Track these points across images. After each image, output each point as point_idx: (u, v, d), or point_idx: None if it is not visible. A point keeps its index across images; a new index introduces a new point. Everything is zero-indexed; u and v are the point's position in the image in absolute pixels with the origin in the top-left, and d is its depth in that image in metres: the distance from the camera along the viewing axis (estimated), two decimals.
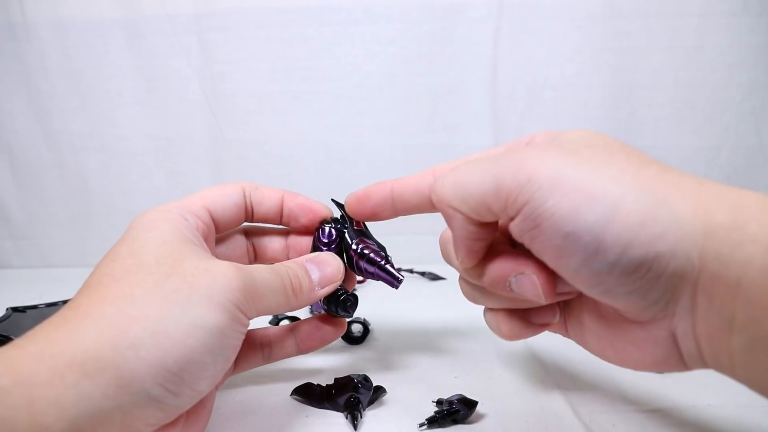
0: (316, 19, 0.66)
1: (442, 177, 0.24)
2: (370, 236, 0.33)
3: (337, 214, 0.33)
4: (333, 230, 0.32)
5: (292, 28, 0.66)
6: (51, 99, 0.69)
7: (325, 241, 0.32)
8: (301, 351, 0.32)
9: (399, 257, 0.64)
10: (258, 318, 0.30)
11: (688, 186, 0.20)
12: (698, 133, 0.67)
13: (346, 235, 0.32)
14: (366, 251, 0.31)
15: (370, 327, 0.41)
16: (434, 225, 0.29)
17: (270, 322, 0.43)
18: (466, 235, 0.24)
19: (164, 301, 0.22)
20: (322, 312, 0.48)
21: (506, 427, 0.28)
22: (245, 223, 0.33)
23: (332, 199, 0.33)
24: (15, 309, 0.49)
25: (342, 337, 0.41)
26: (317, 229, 0.32)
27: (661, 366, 0.22)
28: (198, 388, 0.22)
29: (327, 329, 0.32)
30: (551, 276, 0.23)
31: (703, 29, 0.64)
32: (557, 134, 0.25)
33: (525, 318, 0.27)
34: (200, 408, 0.26)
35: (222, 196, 0.30)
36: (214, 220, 0.29)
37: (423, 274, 0.62)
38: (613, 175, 0.20)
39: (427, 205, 0.28)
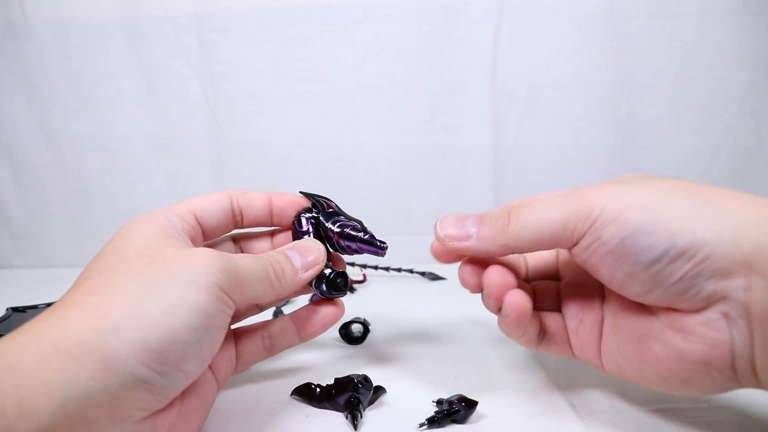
0: (316, 19, 0.66)
1: (520, 222, 0.26)
2: (344, 215, 0.33)
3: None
4: (304, 219, 0.33)
5: (292, 28, 0.66)
6: (51, 99, 0.69)
7: (303, 230, 0.33)
8: (303, 338, 0.32)
9: (399, 257, 0.64)
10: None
11: (735, 194, 0.23)
12: (698, 133, 0.67)
13: (321, 219, 0.33)
14: (344, 229, 0.32)
15: (370, 327, 0.41)
16: (433, 224, 0.29)
17: None
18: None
19: (144, 285, 0.22)
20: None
21: (506, 427, 0.28)
22: (233, 231, 0.33)
23: (300, 191, 0.33)
24: (15, 309, 0.49)
25: (342, 337, 0.41)
26: (293, 223, 0.33)
27: (707, 369, 0.23)
28: (185, 369, 0.23)
29: (326, 312, 0.33)
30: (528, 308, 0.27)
31: (703, 29, 0.64)
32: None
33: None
34: (197, 400, 0.26)
35: (208, 202, 0.30)
36: (201, 224, 0.30)
37: (423, 274, 0.62)
38: (663, 188, 0.24)
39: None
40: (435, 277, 0.61)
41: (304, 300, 0.48)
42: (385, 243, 0.32)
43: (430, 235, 0.30)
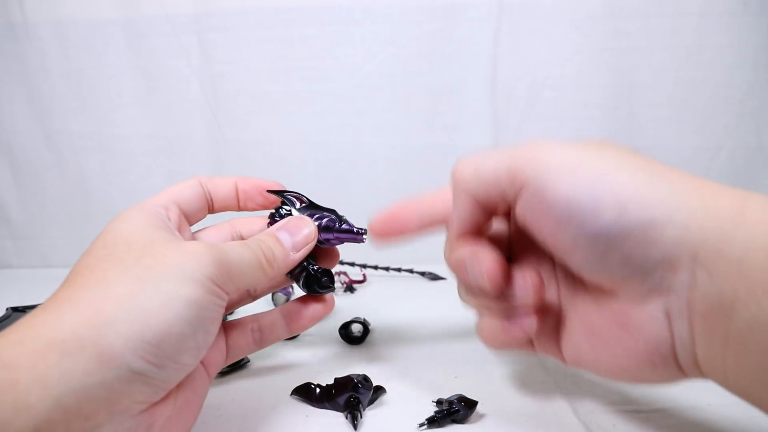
0: (316, 19, 0.66)
1: (462, 161, 0.25)
2: (318, 207, 0.33)
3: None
4: (277, 217, 0.32)
5: (292, 28, 0.66)
6: (51, 99, 0.69)
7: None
8: (292, 331, 0.32)
9: (399, 257, 0.64)
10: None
11: (691, 177, 0.21)
12: (698, 133, 0.67)
13: (295, 214, 0.32)
14: (320, 222, 0.31)
15: (370, 327, 0.41)
16: None
17: None
18: (467, 215, 0.26)
19: (136, 279, 0.22)
20: None
21: (506, 427, 0.28)
22: (232, 217, 0.33)
23: (267, 190, 0.33)
24: (15, 309, 0.49)
25: (342, 337, 0.41)
26: (268, 224, 0.32)
27: (652, 365, 0.22)
28: (181, 361, 0.23)
29: (315, 307, 0.32)
30: (500, 266, 0.25)
31: (703, 29, 0.64)
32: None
33: (503, 324, 0.27)
34: (191, 393, 0.26)
35: (185, 189, 0.30)
36: (182, 211, 0.30)
37: (423, 274, 0.62)
38: (616, 157, 0.22)
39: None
40: (435, 277, 0.61)
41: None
42: (363, 229, 0.32)
43: (430, 235, 0.30)
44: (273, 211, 0.33)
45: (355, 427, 0.28)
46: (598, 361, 0.25)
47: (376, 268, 0.61)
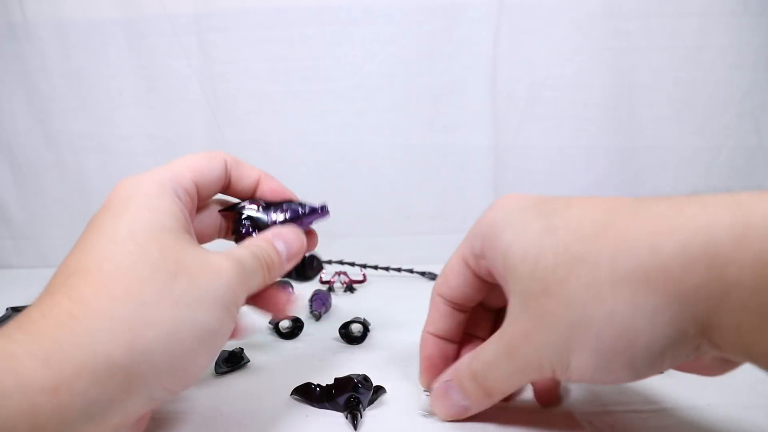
0: (316, 19, 0.66)
1: (489, 390, 0.26)
2: (273, 203, 0.32)
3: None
4: (242, 228, 0.31)
5: (292, 28, 0.66)
6: (51, 99, 0.69)
7: (244, 234, 0.31)
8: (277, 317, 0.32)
9: (399, 257, 0.64)
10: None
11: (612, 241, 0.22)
12: (698, 133, 0.67)
13: (258, 220, 0.31)
14: (285, 216, 0.31)
15: (370, 327, 0.41)
16: (433, 224, 0.30)
17: (270, 322, 0.43)
18: (444, 312, 0.31)
19: (174, 304, 0.21)
20: (323, 312, 0.48)
21: (506, 427, 0.28)
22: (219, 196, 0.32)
23: (219, 211, 0.32)
24: (15, 309, 0.49)
25: (342, 337, 0.41)
26: (234, 228, 0.31)
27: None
28: (189, 385, 0.23)
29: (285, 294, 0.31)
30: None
31: (703, 29, 0.64)
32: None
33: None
34: None
35: (208, 169, 0.29)
36: (198, 192, 0.29)
37: (423, 274, 0.62)
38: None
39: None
40: (435, 277, 0.61)
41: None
42: (324, 205, 0.32)
43: (430, 235, 0.30)
44: (234, 229, 0.31)
45: (355, 427, 0.28)
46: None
47: (376, 268, 0.61)
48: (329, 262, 0.60)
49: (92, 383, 0.18)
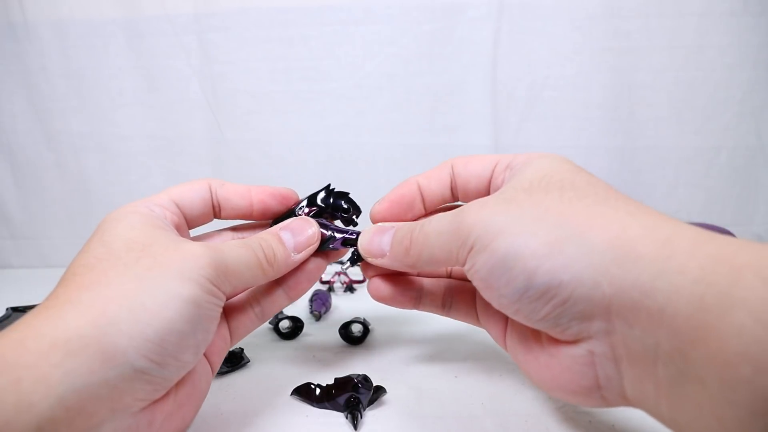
0: (316, 19, 0.66)
1: (414, 245, 0.27)
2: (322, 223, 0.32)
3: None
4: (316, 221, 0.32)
5: (292, 28, 0.66)
6: (51, 99, 0.69)
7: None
8: (292, 298, 0.32)
9: None
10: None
11: (617, 218, 0.21)
12: (698, 133, 0.67)
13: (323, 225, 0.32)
14: (343, 236, 0.32)
15: (370, 327, 0.41)
16: None
17: (270, 322, 0.43)
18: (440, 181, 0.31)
19: (137, 279, 0.22)
20: (323, 312, 0.48)
21: (506, 427, 0.28)
22: (236, 221, 0.33)
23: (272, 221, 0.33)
24: (15, 309, 0.49)
25: (342, 337, 0.41)
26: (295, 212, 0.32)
27: (574, 394, 0.23)
28: (182, 358, 0.23)
29: (309, 268, 0.32)
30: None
31: (703, 29, 0.64)
32: (525, 161, 0.27)
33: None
34: (191, 388, 0.26)
35: (189, 191, 0.30)
36: (183, 213, 0.30)
37: None
38: (536, 212, 0.23)
39: (449, 197, 0.32)
40: None
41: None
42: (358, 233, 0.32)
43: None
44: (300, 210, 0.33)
45: (355, 427, 0.28)
46: (529, 372, 0.26)
47: None
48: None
49: (66, 354, 0.19)
